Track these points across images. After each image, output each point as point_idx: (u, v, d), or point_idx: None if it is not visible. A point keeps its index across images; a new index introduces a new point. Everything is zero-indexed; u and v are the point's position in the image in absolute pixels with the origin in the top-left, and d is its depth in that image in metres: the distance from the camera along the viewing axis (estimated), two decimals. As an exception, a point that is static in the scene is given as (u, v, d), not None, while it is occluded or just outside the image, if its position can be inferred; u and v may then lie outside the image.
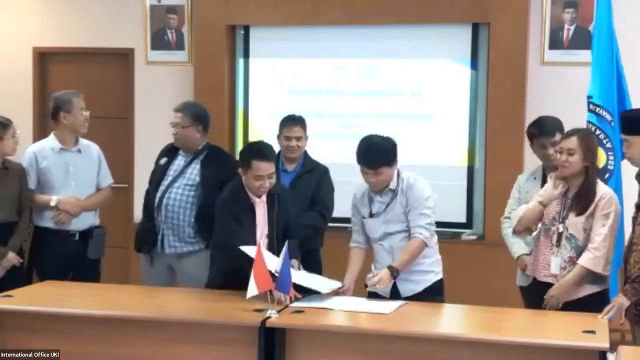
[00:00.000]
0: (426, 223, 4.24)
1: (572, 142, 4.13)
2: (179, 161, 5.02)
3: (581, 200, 4.13)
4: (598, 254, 4.05)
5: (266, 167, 4.30)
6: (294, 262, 4.28)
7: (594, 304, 4.07)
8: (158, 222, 4.93)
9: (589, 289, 4.12)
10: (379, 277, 4.13)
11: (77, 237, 5.11)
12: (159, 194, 4.95)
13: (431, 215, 4.28)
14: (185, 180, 4.93)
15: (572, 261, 4.11)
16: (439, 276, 4.39)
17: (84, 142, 5.23)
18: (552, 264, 4.16)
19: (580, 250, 4.10)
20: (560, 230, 4.15)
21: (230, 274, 4.31)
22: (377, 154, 4.22)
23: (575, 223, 4.12)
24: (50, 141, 5.18)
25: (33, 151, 5.15)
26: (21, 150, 5.20)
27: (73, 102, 5.10)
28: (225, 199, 4.44)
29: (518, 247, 4.51)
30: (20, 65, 7.26)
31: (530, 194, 4.52)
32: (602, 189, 4.14)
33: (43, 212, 5.10)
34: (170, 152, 5.09)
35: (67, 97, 5.14)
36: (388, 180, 4.26)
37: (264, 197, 4.40)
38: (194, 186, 4.90)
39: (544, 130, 4.50)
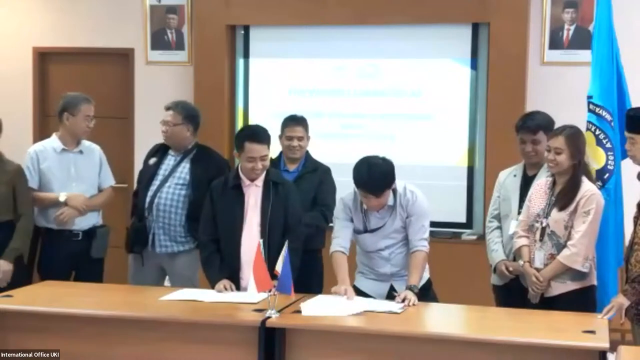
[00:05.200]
0: (427, 235, 4.29)
1: (559, 142, 4.19)
2: (169, 161, 5.05)
3: (564, 196, 4.18)
4: (575, 250, 4.10)
5: (258, 149, 4.33)
6: None
7: (577, 300, 4.14)
8: (149, 222, 4.95)
9: (570, 285, 4.18)
10: (404, 296, 4.05)
11: (80, 237, 5.11)
12: (149, 194, 4.97)
13: (428, 226, 4.33)
14: (176, 180, 4.96)
15: (553, 258, 4.17)
16: (428, 274, 4.44)
17: (85, 143, 5.22)
18: (536, 258, 4.22)
19: (561, 248, 4.16)
20: (544, 224, 4.20)
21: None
22: (380, 179, 4.15)
23: (556, 220, 4.17)
24: (52, 142, 5.16)
25: (35, 151, 5.14)
26: (19, 151, 5.20)
27: (80, 107, 5.09)
28: (215, 181, 4.54)
29: (497, 254, 4.52)
30: (20, 65, 7.26)
31: (508, 191, 4.56)
32: (585, 187, 4.17)
33: (46, 213, 5.09)
34: (159, 152, 5.13)
35: (76, 100, 5.11)
36: (387, 199, 4.24)
37: (259, 183, 4.43)
38: (185, 185, 4.94)
39: (526, 125, 4.49)
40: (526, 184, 4.52)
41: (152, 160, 5.10)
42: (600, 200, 4.19)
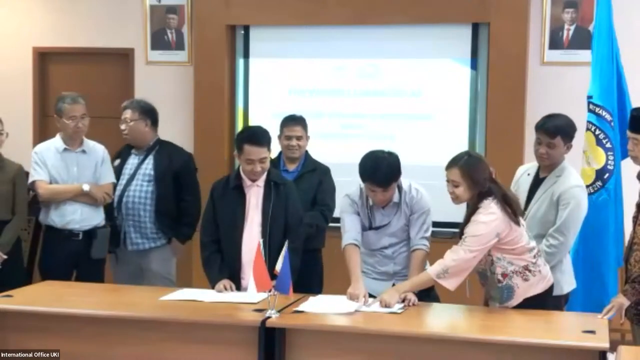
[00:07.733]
0: (428, 234, 4.29)
1: (455, 174, 3.99)
2: (132, 159, 5.16)
3: (463, 228, 4.08)
4: (437, 265, 3.98)
5: (256, 152, 4.33)
6: None
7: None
8: (119, 222, 5.04)
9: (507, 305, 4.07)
10: (405, 296, 4.05)
11: (80, 237, 5.11)
12: (117, 193, 5.06)
13: (430, 225, 4.32)
14: (142, 177, 5.06)
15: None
16: None
17: (90, 143, 5.23)
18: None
19: (479, 270, 4.11)
20: None
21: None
22: (386, 171, 4.14)
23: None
24: (55, 141, 5.18)
25: (39, 150, 5.15)
26: (19, 151, 5.20)
27: (63, 109, 5.07)
28: (216, 182, 4.56)
29: None
30: (20, 65, 7.26)
31: (520, 189, 4.48)
32: (478, 215, 3.98)
33: (48, 210, 5.10)
34: (122, 153, 5.23)
35: (60, 102, 5.10)
36: (393, 194, 4.24)
37: (260, 183, 4.44)
38: (151, 181, 5.03)
39: (545, 126, 4.34)
40: (536, 185, 4.43)
41: (117, 162, 5.19)
42: (488, 231, 3.96)
